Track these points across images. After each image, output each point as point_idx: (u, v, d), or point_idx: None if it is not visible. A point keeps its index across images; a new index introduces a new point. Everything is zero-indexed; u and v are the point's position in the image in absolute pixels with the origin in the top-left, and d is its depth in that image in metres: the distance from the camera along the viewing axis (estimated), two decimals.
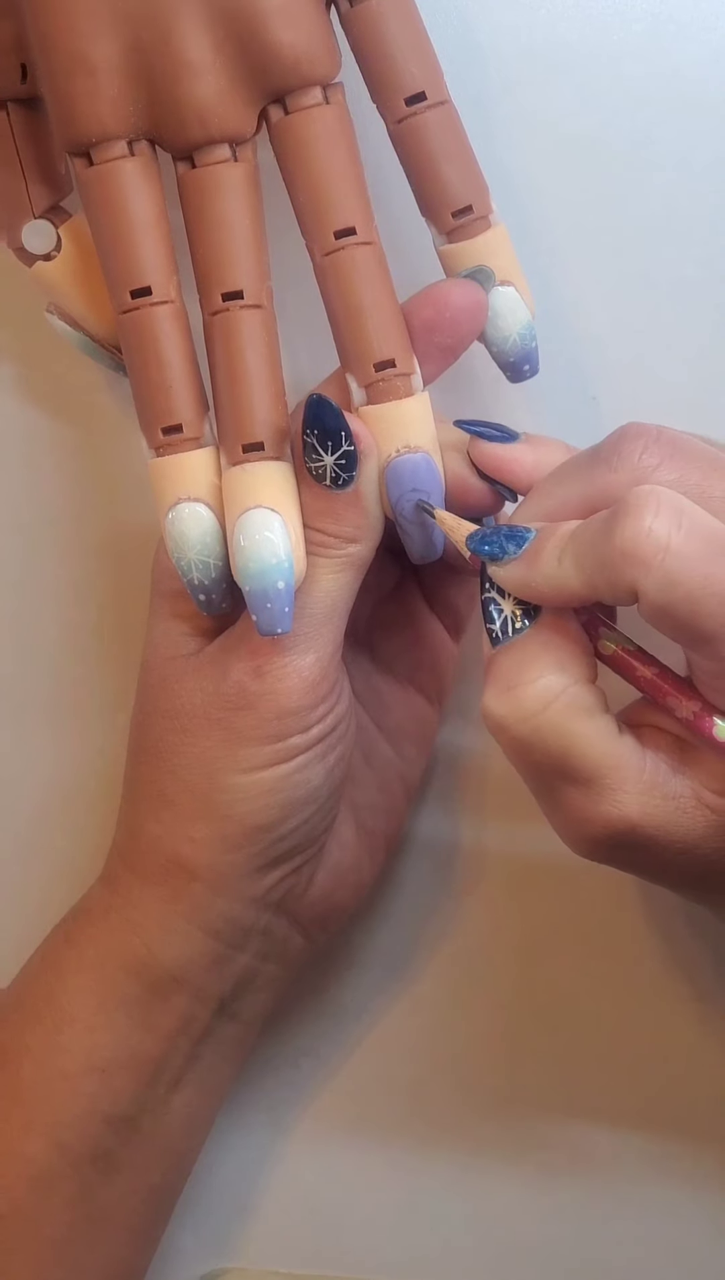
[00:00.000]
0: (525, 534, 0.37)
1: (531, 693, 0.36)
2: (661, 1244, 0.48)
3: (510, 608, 0.37)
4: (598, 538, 0.35)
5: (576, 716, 0.36)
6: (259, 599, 0.38)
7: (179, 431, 0.39)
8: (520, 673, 0.36)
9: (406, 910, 0.48)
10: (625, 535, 0.34)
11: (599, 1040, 0.47)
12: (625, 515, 0.34)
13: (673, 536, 0.33)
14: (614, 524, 0.34)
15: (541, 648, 0.37)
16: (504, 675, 0.37)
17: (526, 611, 0.37)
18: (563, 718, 0.36)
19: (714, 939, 0.47)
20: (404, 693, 0.45)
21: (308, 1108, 0.49)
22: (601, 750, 0.36)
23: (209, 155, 0.39)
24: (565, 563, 0.36)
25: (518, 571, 0.37)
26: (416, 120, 0.39)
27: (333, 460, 0.38)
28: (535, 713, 0.36)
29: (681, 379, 0.44)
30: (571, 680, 0.36)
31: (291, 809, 0.40)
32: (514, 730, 0.36)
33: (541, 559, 0.36)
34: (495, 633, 0.37)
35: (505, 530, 0.37)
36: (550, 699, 0.36)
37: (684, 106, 0.43)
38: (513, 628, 0.37)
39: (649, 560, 0.33)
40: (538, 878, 0.47)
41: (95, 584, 0.47)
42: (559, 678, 0.36)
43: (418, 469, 0.39)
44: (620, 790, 0.36)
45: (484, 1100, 0.48)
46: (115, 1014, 0.42)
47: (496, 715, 0.36)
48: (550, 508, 0.37)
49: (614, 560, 0.34)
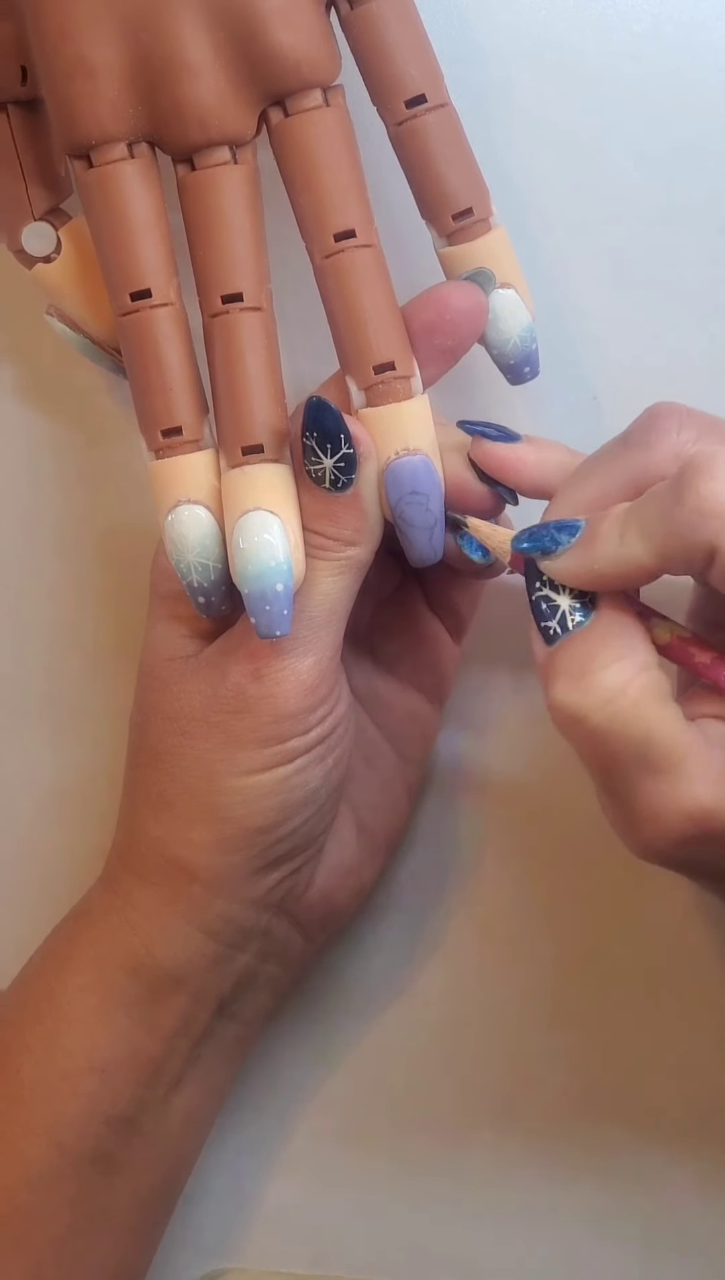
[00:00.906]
0: (575, 524, 0.36)
1: (606, 678, 0.35)
2: (662, 1244, 0.48)
3: (568, 602, 0.37)
4: (666, 504, 0.34)
5: (654, 701, 0.35)
6: (258, 601, 0.38)
7: (178, 434, 0.39)
8: (590, 661, 0.35)
9: (406, 911, 0.48)
10: (702, 494, 0.34)
11: (601, 1040, 0.47)
12: (696, 474, 0.34)
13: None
14: (683, 486, 0.34)
15: (607, 635, 0.36)
16: (572, 666, 0.36)
17: (584, 604, 0.37)
18: (641, 701, 0.35)
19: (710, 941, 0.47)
20: (405, 694, 0.45)
21: (308, 1108, 0.49)
22: (675, 736, 0.35)
23: (209, 157, 0.39)
24: (629, 538, 0.35)
25: (576, 559, 0.36)
26: (416, 123, 0.39)
27: (332, 463, 0.38)
28: (613, 698, 0.35)
29: (682, 379, 0.44)
30: (643, 665, 0.36)
31: (290, 811, 0.40)
32: (593, 719, 0.35)
33: (599, 541, 0.36)
34: (553, 628, 0.36)
35: (554, 524, 0.37)
36: (625, 683, 0.35)
37: (684, 107, 0.43)
38: (572, 621, 0.36)
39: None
40: (538, 879, 0.47)
41: (95, 585, 0.47)
42: (630, 663, 0.35)
43: (416, 471, 0.38)
44: (697, 778, 0.35)
45: (484, 1100, 0.48)
46: (115, 1014, 0.42)
47: (571, 706, 0.35)
48: (590, 497, 0.37)
49: (689, 521, 0.34)
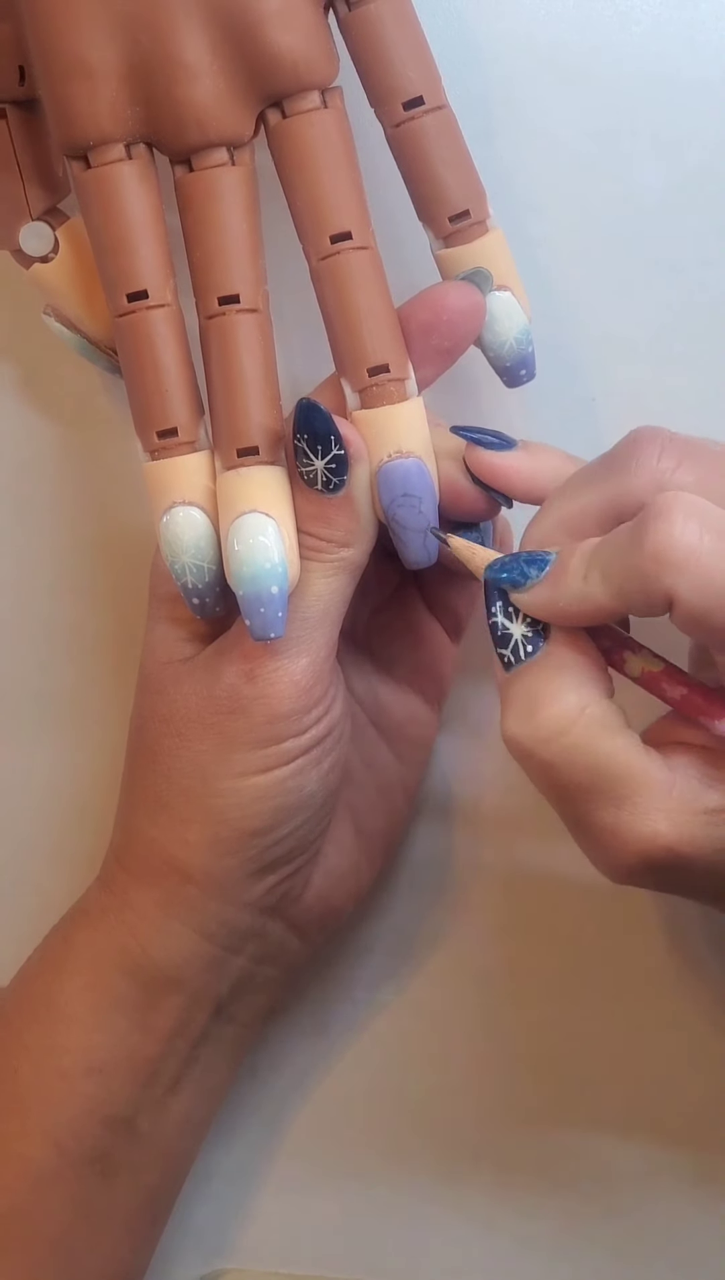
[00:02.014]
0: (545, 557, 0.36)
1: (554, 714, 0.35)
2: (660, 1245, 0.48)
3: (520, 631, 0.37)
4: (626, 547, 0.34)
5: (601, 734, 0.35)
6: (252, 603, 0.38)
7: (174, 435, 0.39)
8: (539, 695, 0.36)
9: (403, 913, 0.48)
10: (658, 540, 0.33)
11: (594, 1044, 0.47)
12: (655, 520, 0.33)
13: (704, 538, 0.33)
14: (643, 531, 0.34)
15: (557, 668, 0.36)
16: (522, 699, 0.36)
17: (537, 633, 0.36)
18: (588, 736, 0.35)
19: (709, 942, 0.47)
20: (403, 695, 0.45)
21: (306, 1109, 0.49)
22: (628, 767, 0.35)
23: (206, 159, 0.38)
24: (592, 578, 0.35)
25: (543, 595, 0.36)
26: (414, 125, 0.39)
27: (323, 465, 0.38)
28: (560, 733, 0.35)
29: (680, 382, 0.44)
30: (591, 698, 0.36)
31: (285, 814, 0.40)
32: (540, 754, 0.35)
33: (566, 579, 0.36)
34: (507, 657, 0.37)
35: (524, 556, 0.36)
36: (573, 719, 0.35)
37: (684, 109, 0.43)
38: (524, 651, 0.36)
39: (683, 564, 0.33)
40: (533, 883, 0.47)
41: (93, 586, 0.47)
42: (578, 696, 0.35)
43: (409, 474, 0.38)
44: (652, 808, 0.35)
45: (481, 1102, 0.48)
46: (112, 1015, 0.42)
47: (520, 740, 0.36)
48: (567, 519, 0.37)
49: (645, 568, 0.33)
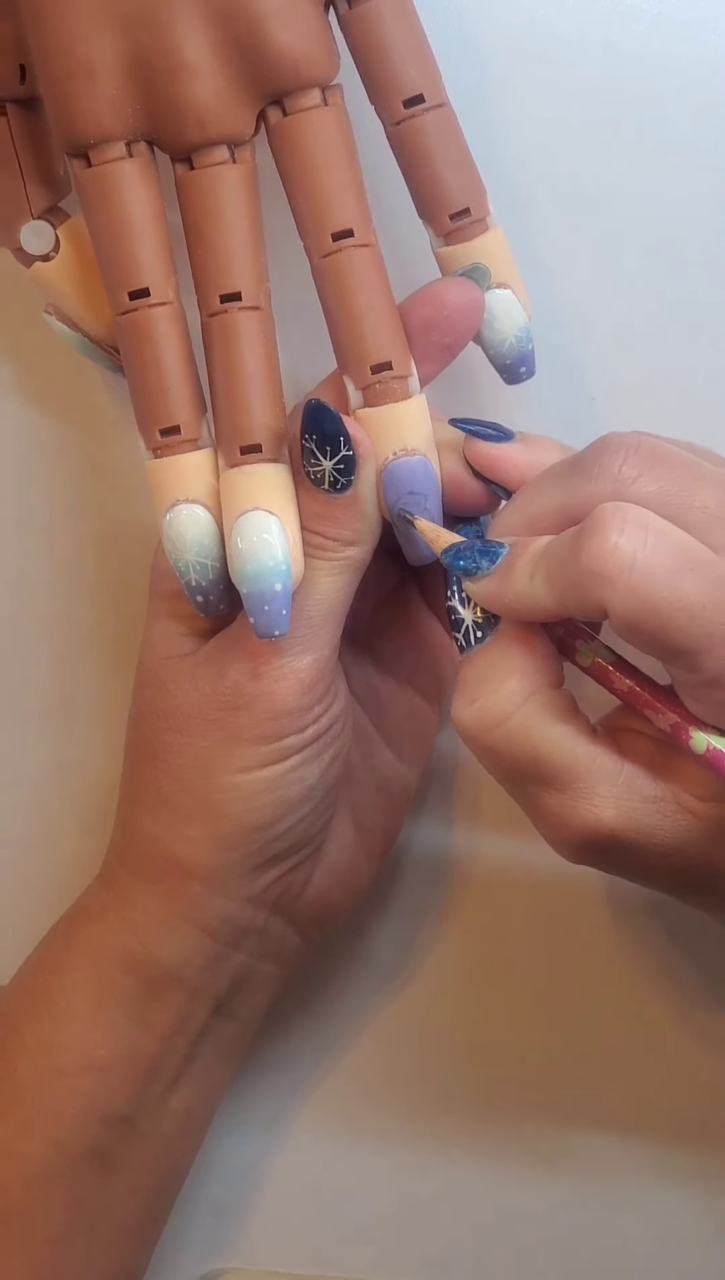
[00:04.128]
0: (498, 549, 0.37)
1: (495, 701, 0.36)
2: (660, 1244, 0.48)
3: (471, 618, 0.37)
4: (566, 556, 0.35)
5: (541, 722, 0.36)
6: (256, 601, 0.38)
7: (177, 433, 0.39)
8: (483, 681, 0.37)
9: (403, 910, 0.48)
10: (591, 553, 0.34)
11: (594, 1041, 0.48)
12: (591, 533, 0.34)
13: (638, 553, 0.33)
14: (581, 541, 0.34)
15: (503, 655, 0.37)
16: (469, 684, 0.37)
17: (488, 620, 0.37)
18: (528, 724, 0.36)
19: (706, 942, 0.47)
20: (403, 693, 0.45)
21: (306, 1107, 0.49)
22: (571, 754, 0.36)
23: (207, 157, 0.38)
24: (536, 580, 0.36)
25: (491, 587, 0.37)
26: (414, 123, 0.39)
27: (331, 465, 0.38)
28: (500, 720, 0.36)
29: (680, 379, 0.44)
30: (534, 687, 0.37)
31: (287, 808, 0.40)
32: (482, 739, 0.37)
33: (513, 575, 0.36)
34: (460, 641, 0.38)
35: (479, 546, 0.37)
36: (514, 707, 0.36)
37: (684, 107, 0.43)
38: (474, 636, 0.37)
39: (615, 578, 0.33)
40: (533, 879, 0.47)
41: (93, 584, 0.47)
42: (521, 684, 0.36)
43: (414, 472, 0.39)
44: (594, 794, 0.36)
45: (481, 1101, 0.48)
46: (112, 1012, 0.42)
47: (464, 724, 0.37)
48: (530, 516, 0.37)
49: (581, 579, 0.34)
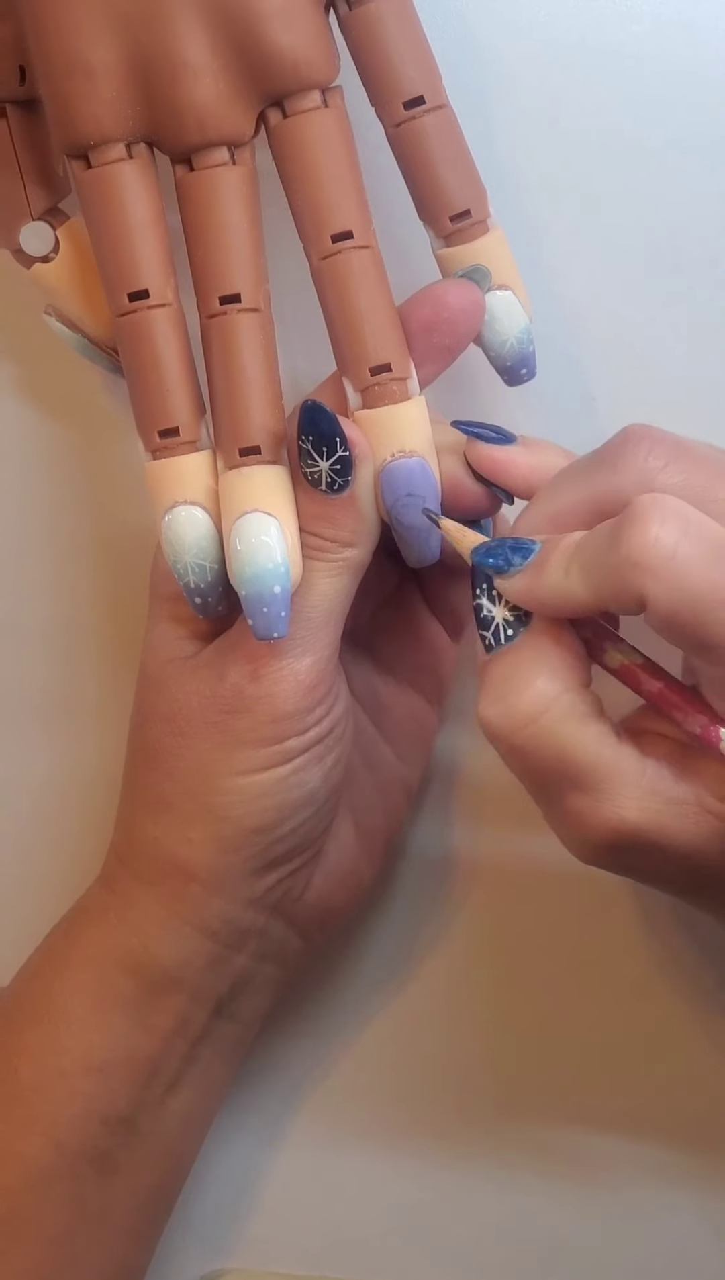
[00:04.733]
0: (531, 546, 0.37)
1: (525, 700, 0.36)
2: (660, 1245, 0.48)
3: (502, 614, 0.37)
4: (604, 547, 0.35)
5: (570, 722, 0.36)
6: (255, 603, 0.38)
7: (175, 435, 0.39)
8: (513, 680, 0.36)
9: (404, 912, 0.48)
10: (633, 543, 0.34)
11: (596, 1044, 0.47)
12: (632, 523, 0.34)
13: (680, 544, 0.33)
14: (620, 532, 0.34)
15: (534, 654, 0.37)
16: (497, 683, 0.37)
17: (518, 618, 0.37)
18: (557, 724, 0.36)
19: (710, 944, 0.47)
20: (403, 694, 0.45)
21: (306, 1108, 0.49)
22: (598, 755, 0.36)
23: (207, 158, 0.38)
24: (572, 573, 0.36)
25: (523, 583, 0.37)
26: (414, 124, 0.39)
27: (328, 466, 0.38)
28: (530, 720, 0.36)
29: (681, 380, 0.44)
30: (564, 687, 0.36)
31: (288, 811, 0.40)
32: (510, 738, 0.36)
33: (547, 570, 0.36)
34: (488, 640, 0.37)
35: (510, 543, 0.37)
36: (544, 706, 0.36)
37: (684, 108, 0.43)
38: (505, 635, 0.37)
39: (656, 568, 0.33)
40: (534, 881, 0.47)
41: (93, 586, 0.47)
42: (551, 684, 0.36)
43: (412, 474, 0.38)
44: (620, 795, 0.36)
45: (481, 1102, 0.48)
46: (112, 1014, 0.42)
47: (492, 723, 0.37)
48: (556, 512, 0.37)
49: (621, 569, 0.34)
